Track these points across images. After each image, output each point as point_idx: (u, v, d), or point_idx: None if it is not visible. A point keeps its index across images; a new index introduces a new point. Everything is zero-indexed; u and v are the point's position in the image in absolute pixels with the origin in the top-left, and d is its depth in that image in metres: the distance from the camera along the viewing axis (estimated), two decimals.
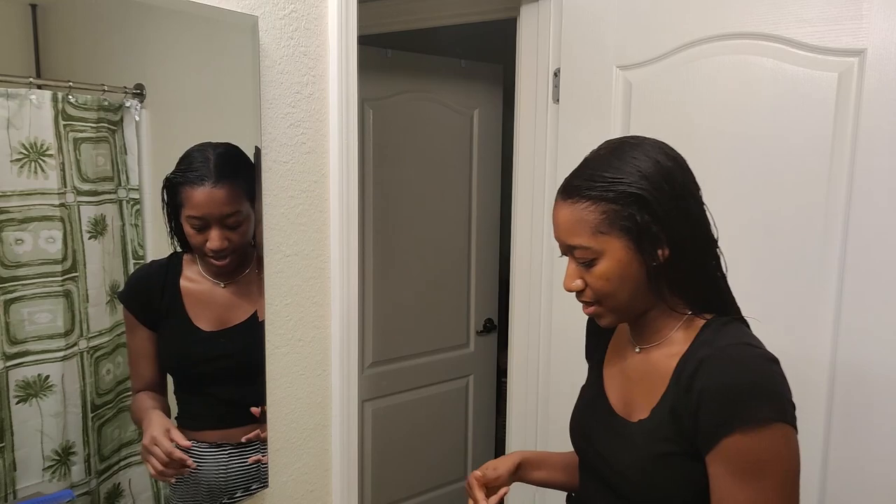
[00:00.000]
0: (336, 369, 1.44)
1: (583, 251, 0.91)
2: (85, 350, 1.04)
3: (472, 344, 2.75)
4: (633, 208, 0.88)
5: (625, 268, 0.90)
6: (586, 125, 1.67)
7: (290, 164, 1.32)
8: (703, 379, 0.85)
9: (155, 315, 1.15)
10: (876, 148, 1.27)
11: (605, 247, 0.90)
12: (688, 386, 0.86)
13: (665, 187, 0.88)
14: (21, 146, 0.94)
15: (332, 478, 1.48)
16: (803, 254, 1.36)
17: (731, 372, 0.84)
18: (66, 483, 1.03)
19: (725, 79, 1.44)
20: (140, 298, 1.12)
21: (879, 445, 1.29)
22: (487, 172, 2.68)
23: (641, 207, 0.88)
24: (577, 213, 0.90)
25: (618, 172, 0.89)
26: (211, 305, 1.21)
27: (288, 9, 1.28)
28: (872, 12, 1.27)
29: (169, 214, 1.12)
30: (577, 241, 0.91)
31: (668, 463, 0.89)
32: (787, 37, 1.36)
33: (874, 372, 1.29)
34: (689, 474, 0.88)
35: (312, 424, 1.43)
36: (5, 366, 0.95)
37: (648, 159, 0.89)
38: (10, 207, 0.94)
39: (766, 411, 0.81)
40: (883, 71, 1.26)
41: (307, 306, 1.39)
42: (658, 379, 0.93)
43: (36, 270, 0.97)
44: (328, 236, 1.41)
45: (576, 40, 1.69)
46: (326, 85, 1.37)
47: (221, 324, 1.22)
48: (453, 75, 2.57)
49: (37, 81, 0.95)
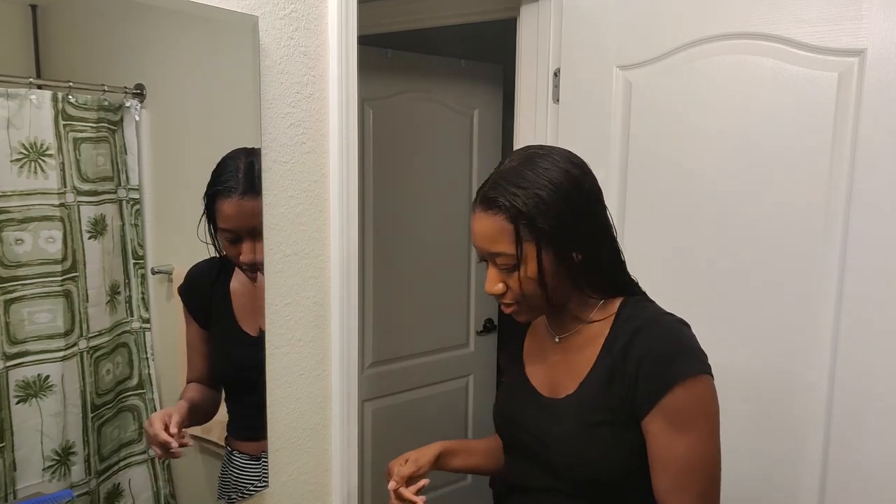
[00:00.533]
0: (336, 369, 1.44)
1: (504, 258, 0.96)
2: (85, 350, 1.04)
3: (472, 344, 2.75)
4: (547, 216, 0.94)
5: (544, 271, 0.96)
6: (586, 125, 1.67)
7: (290, 164, 1.32)
8: (638, 348, 0.94)
9: (205, 312, 1.15)
10: (876, 148, 1.27)
11: (526, 253, 0.95)
12: (623, 356, 0.95)
13: (574, 194, 0.95)
14: (21, 146, 0.94)
15: (332, 478, 1.48)
16: (803, 253, 1.36)
17: (662, 338, 0.95)
18: (66, 483, 1.03)
19: (725, 79, 1.44)
20: (194, 293, 1.12)
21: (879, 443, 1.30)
22: (487, 173, 2.67)
23: (555, 215, 0.94)
24: (496, 223, 0.95)
25: (530, 184, 0.94)
26: (252, 307, 1.21)
27: (288, 9, 1.28)
28: (872, 12, 1.27)
29: (209, 226, 1.13)
30: (498, 248, 0.96)
31: (595, 432, 0.97)
32: (787, 37, 1.36)
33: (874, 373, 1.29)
34: (615, 443, 0.96)
35: (312, 424, 1.43)
36: (5, 366, 0.95)
37: (558, 169, 0.96)
38: (10, 207, 0.94)
39: (695, 365, 0.93)
40: (883, 71, 1.26)
41: (307, 306, 1.39)
42: (582, 359, 1.01)
43: (36, 270, 0.97)
44: (328, 236, 1.41)
45: (576, 40, 1.69)
46: (326, 85, 1.37)
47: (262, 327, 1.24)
48: (453, 75, 2.57)
49: (37, 81, 0.95)
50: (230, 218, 1.13)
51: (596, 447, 0.97)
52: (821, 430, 1.35)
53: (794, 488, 1.40)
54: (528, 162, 0.97)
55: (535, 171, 0.95)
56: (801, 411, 1.38)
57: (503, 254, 0.96)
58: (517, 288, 0.97)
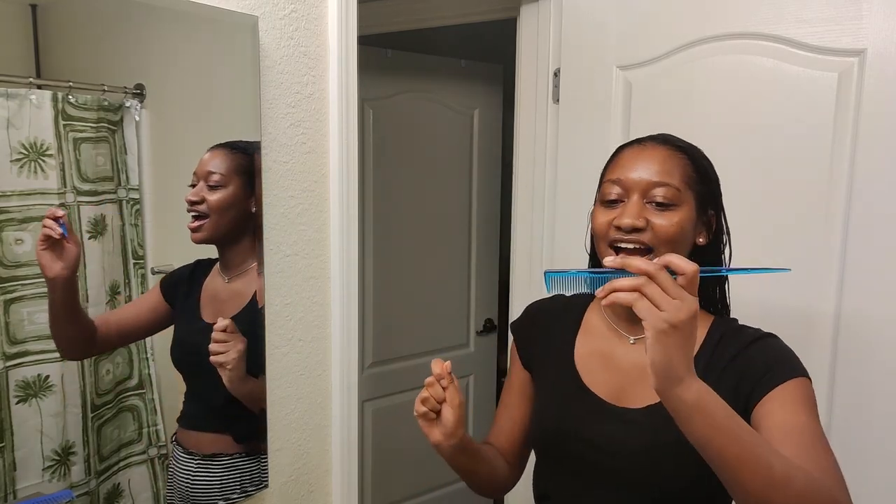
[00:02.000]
0: (336, 369, 1.44)
1: (670, 190, 0.91)
2: None
3: (472, 344, 2.75)
4: (709, 185, 0.96)
5: (690, 227, 0.93)
6: (586, 125, 1.67)
7: (290, 164, 1.32)
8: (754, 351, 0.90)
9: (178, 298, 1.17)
10: (876, 148, 1.27)
11: (685, 200, 0.92)
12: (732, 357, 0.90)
13: (720, 189, 0.98)
14: (21, 146, 0.94)
15: (332, 478, 1.48)
16: (803, 257, 1.36)
17: (777, 348, 0.92)
18: (66, 483, 1.03)
19: (726, 79, 1.44)
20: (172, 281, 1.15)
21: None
22: (487, 172, 2.68)
23: (712, 190, 0.96)
24: (673, 158, 0.93)
25: (701, 153, 0.97)
26: (215, 300, 1.21)
27: (288, 9, 1.28)
28: (872, 12, 1.27)
29: None
30: (668, 179, 0.91)
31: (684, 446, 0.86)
32: (788, 37, 1.36)
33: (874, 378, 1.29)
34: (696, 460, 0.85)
35: (312, 424, 1.43)
36: (5, 366, 0.95)
37: (707, 157, 0.98)
38: (10, 207, 0.94)
39: (805, 370, 0.89)
40: (883, 71, 1.26)
41: (307, 306, 1.39)
42: None
43: (36, 270, 0.97)
44: (328, 236, 1.41)
45: (576, 40, 1.69)
46: (326, 85, 1.37)
47: (217, 316, 1.22)
48: (453, 75, 2.57)
49: (37, 81, 0.95)
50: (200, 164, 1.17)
51: (684, 462, 0.85)
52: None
53: None
54: (684, 140, 0.99)
55: (696, 147, 0.98)
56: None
57: (669, 185, 0.91)
58: (661, 228, 0.90)
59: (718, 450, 0.72)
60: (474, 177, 2.65)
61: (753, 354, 0.90)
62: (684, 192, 0.92)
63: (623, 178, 0.93)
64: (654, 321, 0.70)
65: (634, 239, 0.91)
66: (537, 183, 1.83)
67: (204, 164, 1.17)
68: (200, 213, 1.17)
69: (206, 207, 1.17)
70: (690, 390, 0.71)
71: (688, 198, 0.92)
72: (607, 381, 0.98)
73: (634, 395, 0.95)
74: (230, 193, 1.20)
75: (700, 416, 0.72)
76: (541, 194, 1.82)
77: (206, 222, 1.17)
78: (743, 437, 0.72)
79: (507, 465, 1.11)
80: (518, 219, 1.91)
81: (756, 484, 0.71)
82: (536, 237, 1.85)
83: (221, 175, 1.18)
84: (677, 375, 0.71)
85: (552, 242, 1.80)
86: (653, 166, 0.92)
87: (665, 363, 0.70)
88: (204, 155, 1.17)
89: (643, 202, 0.92)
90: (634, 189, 0.92)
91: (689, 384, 0.71)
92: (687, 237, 0.93)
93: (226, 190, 1.19)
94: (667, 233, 0.90)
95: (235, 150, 1.21)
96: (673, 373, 0.71)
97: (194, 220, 1.17)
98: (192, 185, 1.16)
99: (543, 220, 1.81)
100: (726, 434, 0.72)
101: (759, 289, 1.42)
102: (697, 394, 0.72)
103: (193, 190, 1.16)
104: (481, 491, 1.10)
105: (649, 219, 0.91)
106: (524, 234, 1.89)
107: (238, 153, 1.21)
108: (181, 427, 1.19)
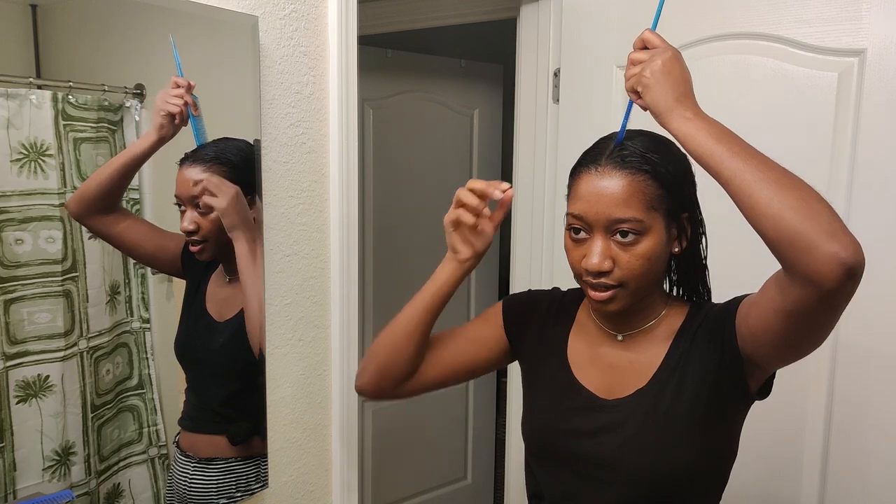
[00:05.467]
0: (336, 369, 1.44)
1: (634, 224, 0.87)
2: (85, 350, 1.04)
3: None
4: (676, 193, 0.91)
5: (660, 250, 0.90)
6: (586, 125, 1.67)
7: (290, 164, 1.32)
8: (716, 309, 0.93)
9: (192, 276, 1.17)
10: (876, 148, 1.27)
11: (652, 224, 0.88)
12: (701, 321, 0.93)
13: (693, 181, 0.94)
14: (21, 146, 0.94)
15: (332, 478, 1.48)
16: None
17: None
18: (66, 483, 1.03)
19: (726, 79, 1.44)
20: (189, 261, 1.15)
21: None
22: (487, 172, 2.68)
23: (682, 195, 0.92)
24: (634, 184, 0.88)
25: (664, 156, 0.91)
26: (217, 298, 1.21)
27: (288, 9, 1.28)
28: (872, 12, 1.27)
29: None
30: (629, 213, 0.87)
31: (668, 421, 0.90)
32: (787, 37, 1.36)
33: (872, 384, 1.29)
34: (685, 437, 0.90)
35: (312, 424, 1.43)
36: (5, 366, 0.95)
37: (679, 153, 0.91)
38: (10, 207, 0.94)
39: None
40: (883, 71, 1.26)
41: (307, 306, 1.39)
42: (650, 355, 0.96)
43: (36, 270, 0.97)
44: (328, 236, 1.41)
45: (576, 40, 1.69)
46: (326, 85, 1.37)
47: (219, 317, 1.23)
48: (453, 75, 2.57)
49: (37, 81, 0.95)
50: (176, 185, 1.12)
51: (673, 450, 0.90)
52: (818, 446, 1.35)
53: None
54: (654, 137, 0.93)
55: (665, 146, 0.92)
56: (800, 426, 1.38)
57: (633, 219, 0.87)
58: (629, 264, 0.88)
59: (728, 155, 0.79)
60: (474, 177, 2.65)
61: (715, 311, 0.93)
62: (649, 217, 0.88)
63: (583, 214, 0.90)
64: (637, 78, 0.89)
65: (603, 282, 0.90)
66: (537, 183, 1.83)
67: (181, 186, 1.12)
68: (202, 240, 1.15)
69: (204, 233, 1.15)
70: (687, 109, 0.84)
71: (654, 220, 0.89)
72: (597, 377, 0.99)
73: (622, 386, 0.96)
74: None
75: (704, 125, 0.82)
76: (541, 194, 1.82)
77: (207, 244, 1.16)
78: (747, 145, 0.81)
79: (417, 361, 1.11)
80: (518, 219, 1.91)
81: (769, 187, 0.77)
82: (536, 237, 1.85)
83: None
84: (668, 105, 0.85)
85: (552, 242, 1.80)
86: (613, 198, 0.88)
87: (657, 100, 0.86)
88: (176, 174, 1.11)
89: (608, 237, 0.89)
90: (596, 226, 0.89)
91: (686, 107, 0.84)
92: (660, 258, 0.91)
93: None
94: (633, 268, 0.89)
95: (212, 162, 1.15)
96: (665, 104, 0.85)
97: (194, 245, 1.14)
98: (177, 205, 1.12)
99: (543, 220, 1.82)
100: (731, 138, 0.81)
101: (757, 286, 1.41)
102: (693, 109, 0.85)
103: (186, 217, 1.12)
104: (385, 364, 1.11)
105: (615, 257, 0.89)
106: (524, 235, 1.89)
107: (216, 165, 1.16)
108: (181, 429, 1.19)
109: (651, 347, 0.96)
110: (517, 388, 1.94)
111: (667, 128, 0.85)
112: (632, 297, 0.92)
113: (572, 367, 1.02)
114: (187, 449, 1.20)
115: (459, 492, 2.76)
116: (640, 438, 0.91)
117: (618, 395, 0.96)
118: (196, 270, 1.18)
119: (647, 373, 0.95)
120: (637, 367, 0.96)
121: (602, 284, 0.90)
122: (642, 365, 0.96)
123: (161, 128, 1.07)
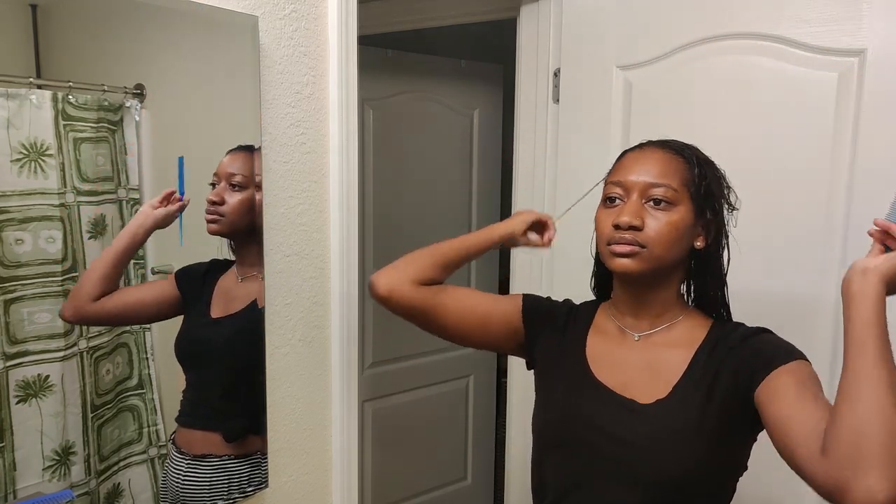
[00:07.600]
0: (336, 369, 1.44)
1: (667, 192, 0.95)
2: (84, 350, 1.04)
3: None
4: (707, 189, 0.97)
5: (685, 228, 0.96)
6: (586, 125, 1.67)
7: (290, 164, 1.32)
8: (752, 342, 0.94)
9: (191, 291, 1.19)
10: (876, 148, 1.27)
11: (682, 200, 0.96)
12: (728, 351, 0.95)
13: (723, 192, 1.01)
14: (21, 146, 0.94)
15: (332, 478, 1.48)
16: (803, 254, 1.36)
17: (773, 338, 0.95)
18: (66, 483, 1.03)
19: (726, 79, 1.44)
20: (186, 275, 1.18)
21: None
22: (487, 172, 2.68)
23: (712, 192, 0.98)
24: (672, 161, 0.97)
25: (704, 159, 1.00)
26: (226, 296, 1.22)
27: (288, 9, 1.28)
28: (872, 12, 1.27)
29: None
30: (665, 180, 0.95)
31: (683, 438, 0.92)
32: (787, 37, 1.36)
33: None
34: (699, 451, 0.92)
35: (312, 424, 1.43)
36: (5, 366, 0.95)
37: (719, 170, 1.02)
38: (10, 207, 0.94)
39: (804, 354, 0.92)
40: (883, 71, 1.26)
41: (307, 306, 1.39)
42: (670, 361, 0.98)
43: (36, 270, 0.97)
44: (328, 236, 1.41)
45: (576, 40, 1.69)
46: (326, 85, 1.37)
47: (224, 312, 1.24)
48: (453, 75, 2.57)
49: (37, 81, 0.95)
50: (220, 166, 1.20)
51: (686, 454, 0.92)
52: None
53: None
54: (688, 144, 1.02)
55: (698, 151, 1.01)
56: None
57: (668, 186, 0.95)
58: (657, 227, 0.94)
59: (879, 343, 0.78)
60: (474, 177, 2.65)
61: (751, 344, 0.94)
62: (681, 192, 0.96)
63: (623, 179, 0.98)
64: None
65: (630, 239, 0.95)
66: (537, 183, 1.83)
67: (225, 165, 1.19)
68: (219, 214, 1.19)
69: (226, 208, 1.19)
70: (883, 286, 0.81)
71: (685, 199, 0.96)
72: (615, 375, 1.01)
73: (641, 390, 0.98)
74: (250, 196, 1.22)
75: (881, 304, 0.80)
76: (541, 194, 1.82)
77: (223, 219, 1.20)
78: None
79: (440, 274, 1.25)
80: None
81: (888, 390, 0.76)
82: None
83: (244, 177, 1.21)
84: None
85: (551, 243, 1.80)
86: (652, 168, 0.97)
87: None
88: (224, 157, 1.19)
89: (642, 202, 0.96)
90: (633, 189, 0.97)
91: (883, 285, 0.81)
92: (683, 238, 0.96)
93: (246, 191, 1.21)
94: (660, 232, 0.94)
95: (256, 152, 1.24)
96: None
97: (210, 215, 1.19)
98: (212, 185, 1.18)
99: None
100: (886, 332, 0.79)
101: (760, 286, 1.42)
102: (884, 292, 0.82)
103: (214, 190, 1.18)
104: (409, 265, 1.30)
105: (645, 219, 0.95)
106: None
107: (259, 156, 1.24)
108: (177, 425, 1.19)
109: (669, 353, 0.99)
110: (517, 389, 1.94)
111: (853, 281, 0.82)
112: (652, 262, 0.95)
113: (590, 362, 1.05)
114: (182, 445, 1.20)
115: (459, 492, 2.76)
116: (653, 444, 0.94)
117: (634, 394, 0.98)
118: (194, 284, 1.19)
119: (666, 379, 0.97)
120: (656, 368, 0.98)
121: (627, 240, 0.95)
122: (661, 369, 0.98)
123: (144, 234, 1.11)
